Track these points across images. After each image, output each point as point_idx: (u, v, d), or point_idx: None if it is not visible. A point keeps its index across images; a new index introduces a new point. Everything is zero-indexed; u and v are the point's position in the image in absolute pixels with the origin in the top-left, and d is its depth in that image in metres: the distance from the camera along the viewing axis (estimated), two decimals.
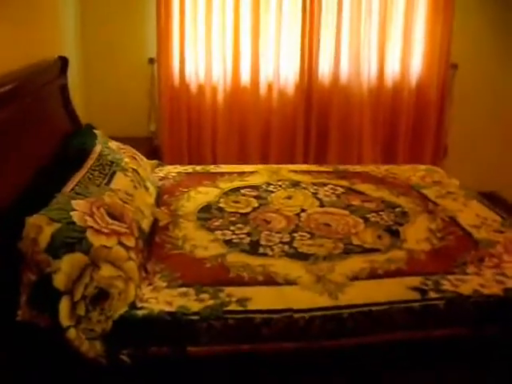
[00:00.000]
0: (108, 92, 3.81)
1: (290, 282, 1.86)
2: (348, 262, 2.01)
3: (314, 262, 2.00)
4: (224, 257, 2.03)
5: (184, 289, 1.82)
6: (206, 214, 2.41)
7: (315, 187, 2.76)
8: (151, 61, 3.71)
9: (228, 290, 1.81)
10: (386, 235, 2.24)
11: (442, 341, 1.75)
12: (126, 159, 2.53)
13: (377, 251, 2.10)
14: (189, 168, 3.05)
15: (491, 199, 3.93)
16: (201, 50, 3.66)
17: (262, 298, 1.77)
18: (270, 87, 3.70)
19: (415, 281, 1.86)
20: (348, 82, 3.76)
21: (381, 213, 2.46)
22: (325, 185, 2.80)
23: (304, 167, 3.15)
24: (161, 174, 2.92)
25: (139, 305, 1.73)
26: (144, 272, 1.91)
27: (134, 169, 2.49)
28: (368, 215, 2.43)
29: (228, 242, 2.15)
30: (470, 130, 4.07)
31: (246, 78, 3.70)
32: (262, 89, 3.70)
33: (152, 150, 3.75)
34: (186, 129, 3.70)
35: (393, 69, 3.83)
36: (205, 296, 1.77)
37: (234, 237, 2.20)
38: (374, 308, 1.72)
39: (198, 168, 3.05)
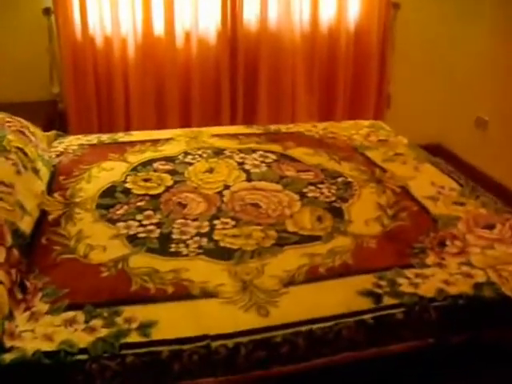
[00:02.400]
0: None
1: (207, 294, 1.45)
2: (282, 257, 1.61)
3: (238, 260, 1.59)
4: (126, 260, 1.60)
5: (71, 313, 1.38)
6: (108, 200, 1.95)
7: (242, 155, 2.33)
8: (47, 11, 3.08)
9: (128, 310, 1.39)
10: (327, 216, 1.86)
11: (398, 356, 1.40)
12: (10, 136, 2.04)
13: (317, 239, 1.71)
14: (93, 138, 2.55)
15: (437, 152, 3.66)
16: None
17: (171, 321, 1.36)
18: (187, 36, 3.17)
19: (366, 281, 1.49)
20: (278, 28, 3.27)
21: (320, 185, 2.07)
22: (253, 151, 2.37)
23: (229, 129, 2.71)
24: (60, 148, 2.41)
25: (8, 344, 1.28)
26: (20, 292, 1.45)
27: (19, 148, 2.02)
28: (305, 189, 2.04)
29: (132, 239, 1.71)
30: (413, 77, 3.69)
31: (159, 27, 3.15)
32: (178, 39, 3.16)
33: (57, 116, 3.22)
34: (93, 89, 3.15)
35: (328, 12, 3.35)
36: (97, 323, 1.35)
37: (140, 230, 1.76)
38: (315, 326, 1.34)
39: (105, 137, 2.55)
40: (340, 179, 2.12)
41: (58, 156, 2.32)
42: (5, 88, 3.11)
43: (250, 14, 3.25)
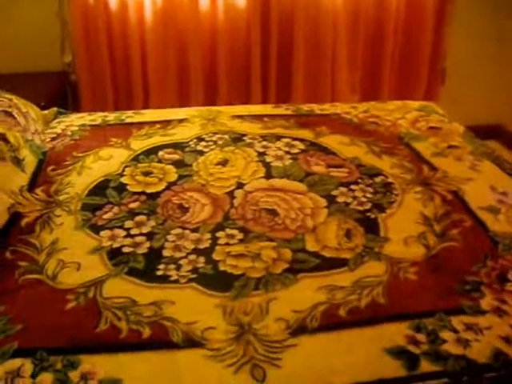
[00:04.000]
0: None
1: (192, 342, 1.13)
2: (294, 290, 1.27)
3: (239, 292, 1.26)
4: (100, 286, 1.29)
5: (18, 361, 1.09)
6: (98, 199, 1.64)
7: (264, 143, 1.98)
8: None
9: (88, 360, 1.09)
10: (358, 230, 1.49)
11: None
12: None
13: (342, 264, 1.35)
14: (98, 117, 2.23)
15: (496, 133, 3.19)
16: None
17: (140, 382, 1.05)
18: None
19: (398, 333, 1.13)
20: None
21: (354, 187, 1.70)
22: (278, 138, 2.01)
23: (254, 109, 2.32)
24: (57, 130, 2.11)
25: None
26: None
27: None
28: (334, 192, 1.67)
29: (115, 254, 1.40)
30: (472, 50, 3.17)
31: None
32: (202, 1, 2.78)
33: (69, 89, 2.93)
34: (107, 59, 2.83)
35: None
36: (45, 379, 1.05)
37: (126, 242, 1.45)
38: None
39: (111, 117, 2.23)
40: (379, 179, 1.74)
41: (52, 140, 2.02)
42: (11, 57, 2.83)
43: None
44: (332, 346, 1.11)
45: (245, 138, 2.02)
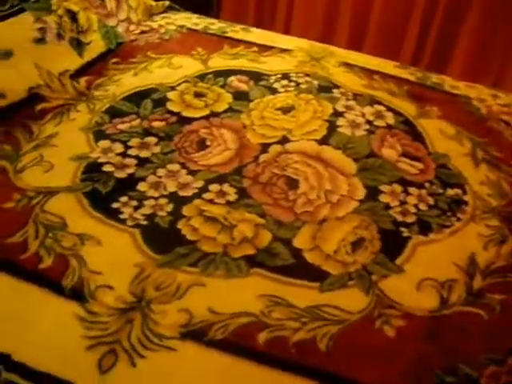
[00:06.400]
0: None
1: (78, 295, 0.95)
2: (232, 284, 1.01)
3: (171, 260, 1.04)
4: (50, 196, 1.16)
5: None
6: (128, 106, 1.48)
7: (351, 103, 1.63)
8: None
9: None
10: (374, 244, 1.15)
11: None
12: None
13: (319, 278, 1.05)
14: (202, 22, 2.03)
15: None
16: None
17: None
18: None
19: None
20: None
21: (413, 189, 1.32)
22: (372, 103, 1.64)
23: (372, 62, 1.89)
24: (155, 24, 1.96)
25: None
26: None
27: (70, 11, 1.63)
28: (385, 187, 1.31)
29: (93, 169, 1.25)
30: None
31: None
32: None
33: None
34: None
35: None
36: None
37: (114, 161, 1.28)
38: None
39: (215, 26, 2.01)
40: (452, 191, 1.33)
41: (141, 33, 1.88)
42: None
43: None
44: (210, 370, 0.85)
45: (335, 90, 1.68)
